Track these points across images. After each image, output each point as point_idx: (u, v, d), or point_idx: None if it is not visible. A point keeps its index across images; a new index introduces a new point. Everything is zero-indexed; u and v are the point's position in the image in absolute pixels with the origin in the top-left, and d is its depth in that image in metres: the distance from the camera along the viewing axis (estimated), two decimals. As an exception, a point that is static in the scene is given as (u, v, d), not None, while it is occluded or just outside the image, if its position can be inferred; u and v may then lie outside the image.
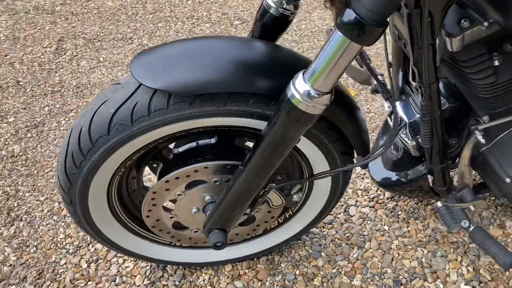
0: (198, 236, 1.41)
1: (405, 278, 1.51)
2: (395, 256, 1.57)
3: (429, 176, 1.43)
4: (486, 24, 1.03)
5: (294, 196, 1.29)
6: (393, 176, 1.53)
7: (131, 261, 1.63)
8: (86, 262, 1.66)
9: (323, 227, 1.70)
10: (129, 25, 3.23)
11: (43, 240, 1.75)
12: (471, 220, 1.37)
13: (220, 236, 1.24)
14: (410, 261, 1.55)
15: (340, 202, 1.77)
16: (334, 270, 1.55)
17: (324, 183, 1.38)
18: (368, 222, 1.69)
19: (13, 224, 1.83)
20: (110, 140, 1.09)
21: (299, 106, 0.98)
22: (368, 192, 1.80)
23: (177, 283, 1.56)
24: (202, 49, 1.09)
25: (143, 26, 3.21)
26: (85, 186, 1.18)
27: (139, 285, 1.56)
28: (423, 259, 1.55)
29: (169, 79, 1.04)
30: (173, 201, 1.30)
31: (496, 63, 1.12)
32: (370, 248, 1.61)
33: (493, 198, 1.70)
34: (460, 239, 1.60)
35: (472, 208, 1.40)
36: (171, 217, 1.33)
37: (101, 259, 1.66)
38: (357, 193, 1.81)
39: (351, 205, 1.76)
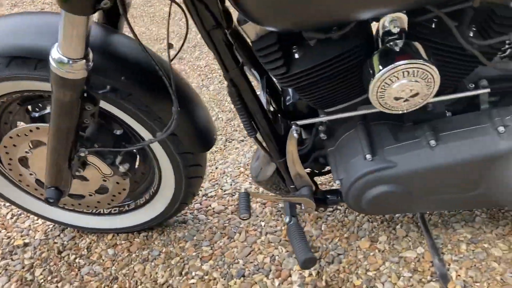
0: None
1: (250, 271, 1.52)
2: (254, 250, 1.59)
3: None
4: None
5: (120, 166, 1.40)
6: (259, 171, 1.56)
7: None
8: (11, 214, 1.90)
9: (211, 215, 1.77)
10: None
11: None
12: (296, 216, 1.37)
13: (53, 193, 1.40)
14: (264, 257, 1.56)
15: (235, 194, 1.82)
16: (194, 254, 1.62)
17: (170, 178, 1.48)
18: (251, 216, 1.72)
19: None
20: None
21: (57, 72, 1.12)
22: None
23: (64, 242, 1.74)
24: (17, 21, 1.28)
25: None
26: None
27: (36, 239, 1.77)
28: (277, 257, 1.55)
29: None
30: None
31: (296, 56, 1.14)
32: (238, 240, 1.64)
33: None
34: (324, 245, 1.56)
35: (303, 207, 1.40)
36: (30, 174, 1.51)
37: (24, 214, 1.89)
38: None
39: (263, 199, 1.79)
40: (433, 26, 1.12)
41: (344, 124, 1.35)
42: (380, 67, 1.06)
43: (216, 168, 2.02)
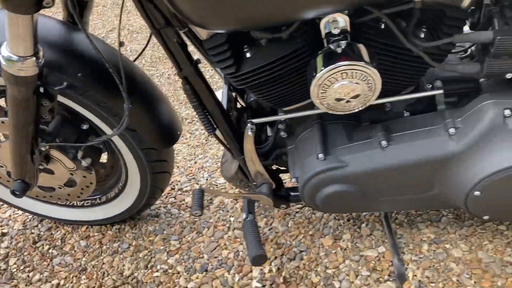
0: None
1: (213, 265, 1.55)
2: (220, 245, 1.62)
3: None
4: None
5: (82, 161, 1.43)
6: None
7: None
8: (-5, 205, 1.95)
9: (184, 210, 1.79)
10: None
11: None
12: (253, 213, 1.39)
13: (19, 185, 1.43)
14: (229, 252, 1.58)
15: (209, 189, 1.84)
16: (162, 247, 1.65)
17: (135, 173, 1.51)
18: (221, 211, 1.74)
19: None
20: None
21: (8, 70, 1.15)
22: (237, 185, 1.84)
23: (41, 233, 1.78)
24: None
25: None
26: None
27: (15, 229, 1.82)
28: (241, 253, 1.57)
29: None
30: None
31: (248, 55, 1.15)
32: (205, 235, 1.66)
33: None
34: (288, 241, 1.58)
35: (261, 205, 1.41)
36: (1, 166, 1.55)
37: (5, 206, 1.93)
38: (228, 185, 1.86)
39: (218, 196, 1.82)
40: (382, 27, 1.11)
41: (303, 123, 1.36)
42: (321, 68, 1.06)
43: (195, 162, 2.04)
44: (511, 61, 1.09)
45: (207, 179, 1.93)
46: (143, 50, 1.43)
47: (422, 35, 1.10)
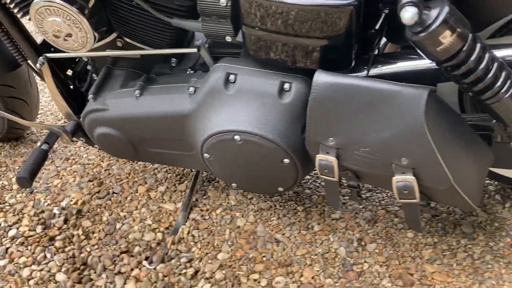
0: None
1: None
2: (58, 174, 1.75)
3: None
4: None
5: None
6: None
7: None
8: None
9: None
10: None
11: None
12: (50, 144, 1.50)
13: None
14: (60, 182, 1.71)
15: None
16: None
17: None
18: (82, 148, 1.86)
19: None
20: None
21: None
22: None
23: None
24: None
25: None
26: None
27: None
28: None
29: None
30: None
31: None
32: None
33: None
34: (111, 183, 1.67)
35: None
36: None
37: None
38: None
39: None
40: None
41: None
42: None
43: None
44: (223, 24, 1.09)
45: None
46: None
47: None
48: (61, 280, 1.36)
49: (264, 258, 1.35)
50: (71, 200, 1.61)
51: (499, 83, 0.94)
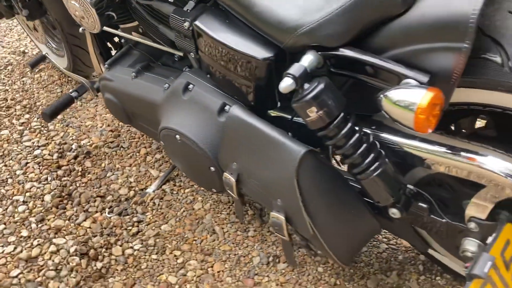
0: None
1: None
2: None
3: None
4: None
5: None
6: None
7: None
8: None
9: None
10: None
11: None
12: (80, 93, 1.84)
13: None
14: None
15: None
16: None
17: None
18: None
19: None
20: None
21: None
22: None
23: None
24: None
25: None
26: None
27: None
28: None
29: None
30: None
31: None
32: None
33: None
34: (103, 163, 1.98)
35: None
36: None
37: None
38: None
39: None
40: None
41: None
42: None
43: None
44: (188, 42, 1.29)
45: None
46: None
47: None
48: (46, 201, 1.71)
49: (194, 242, 1.57)
50: (89, 142, 1.95)
51: (367, 161, 1.04)
